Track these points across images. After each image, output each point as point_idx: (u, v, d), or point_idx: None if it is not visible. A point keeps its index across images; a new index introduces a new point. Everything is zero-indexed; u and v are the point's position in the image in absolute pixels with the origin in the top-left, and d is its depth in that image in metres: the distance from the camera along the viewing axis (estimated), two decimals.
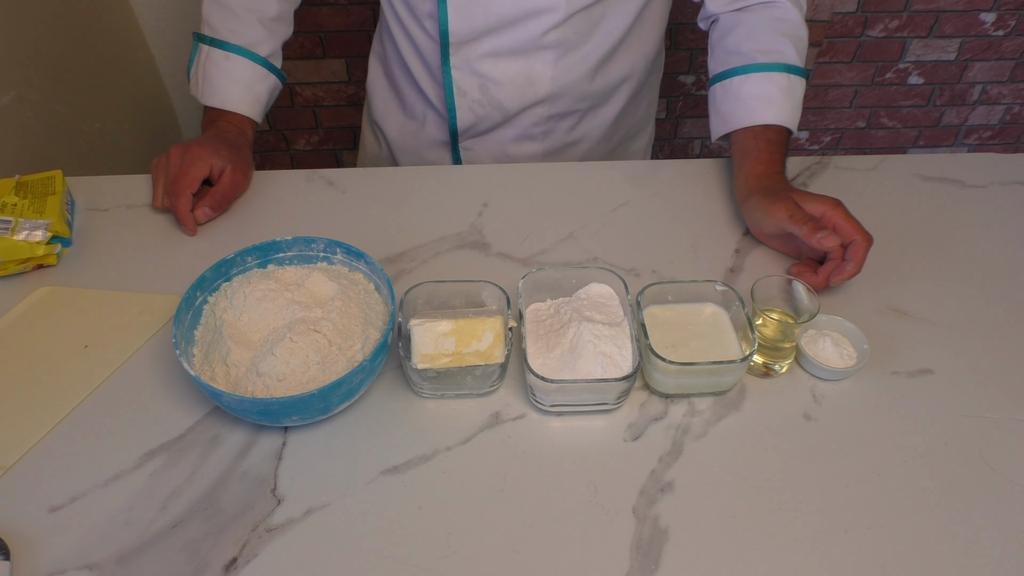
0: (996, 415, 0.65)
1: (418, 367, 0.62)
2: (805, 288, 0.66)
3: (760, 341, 0.66)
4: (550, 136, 1.00)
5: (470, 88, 0.94)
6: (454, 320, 0.65)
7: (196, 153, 0.83)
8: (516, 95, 0.94)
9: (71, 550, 0.55)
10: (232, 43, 0.91)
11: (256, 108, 0.93)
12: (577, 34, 0.91)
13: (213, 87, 0.91)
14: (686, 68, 1.90)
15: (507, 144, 1.01)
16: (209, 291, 0.68)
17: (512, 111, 0.96)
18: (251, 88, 0.92)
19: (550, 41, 0.90)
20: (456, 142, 1.01)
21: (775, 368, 0.67)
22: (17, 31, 1.11)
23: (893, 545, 0.56)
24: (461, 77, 0.93)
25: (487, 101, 0.95)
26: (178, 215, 0.82)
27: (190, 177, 0.82)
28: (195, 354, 0.64)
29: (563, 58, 0.92)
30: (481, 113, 0.96)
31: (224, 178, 0.85)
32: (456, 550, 0.55)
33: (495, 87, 0.94)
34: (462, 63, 0.92)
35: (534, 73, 0.92)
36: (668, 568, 0.54)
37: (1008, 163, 0.93)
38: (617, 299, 0.68)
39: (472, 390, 0.65)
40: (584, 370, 0.62)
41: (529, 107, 0.96)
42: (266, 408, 0.58)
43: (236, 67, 0.91)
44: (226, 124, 0.91)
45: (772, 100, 0.84)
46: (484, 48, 0.90)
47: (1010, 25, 1.87)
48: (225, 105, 0.91)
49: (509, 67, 0.92)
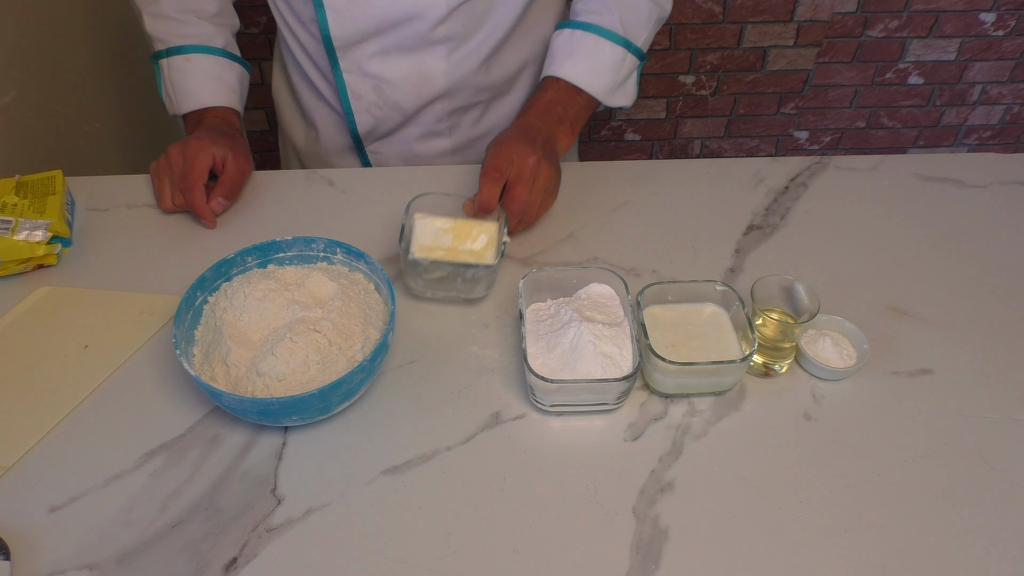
0: (996, 415, 0.65)
1: (415, 256, 0.68)
2: (805, 288, 0.66)
3: (760, 341, 0.66)
4: (456, 131, 0.99)
5: (364, 91, 0.93)
6: (454, 219, 0.71)
7: (196, 146, 0.83)
8: (412, 93, 0.93)
9: (71, 550, 0.55)
10: (186, 44, 0.91)
11: (232, 97, 0.93)
12: (465, 27, 0.89)
13: (185, 92, 0.91)
14: (686, 68, 1.90)
15: (413, 143, 0.99)
16: (209, 291, 0.68)
17: (410, 110, 0.95)
18: (221, 79, 0.92)
19: (438, 36, 0.88)
20: (361, 146, 1.00)
21: (775, 368, 0.67)
22: (17, 31, 1.11)
23: (893, 545, 0.56)
24: (353, 80, 0.92)
25: (383, 102, 0.94)
26: (195, 209, 0.82)
27: (198, 170, 0.82)
28: (195, 354, 0.64)
29: (454, 52, 0.91)
30: (379, 115, 0.95)
31: (228, 166, 0.84)
32: (456, 550, 0.55)
33: (389, 87, 0.92)
34: (352, 66, 0.91)
35: (427, 69, 0.91)
36: (668, 568, 0.54)
37: (1008, 163, 0.93)
38: (617, 299, 0.68)
39: (461, 293, 0.72)
40: (584, 370, 0.62)
41: (427, 104, 0.95)
42: (266, 408, 0.58)
43: (199, 65, 0.91)
44: (211, 119, 0.90)
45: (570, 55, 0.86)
46: (371, 48, 0.89)
47: (1010, 25, 1.87)
48: (203, 103, 0.90)
49: (400, 66, 0.91)
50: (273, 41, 1.71)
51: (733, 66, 1.90)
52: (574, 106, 0.86)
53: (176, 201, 0.84)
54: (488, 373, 0.68)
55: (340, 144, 1.02)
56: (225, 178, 0.84)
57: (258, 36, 1.73)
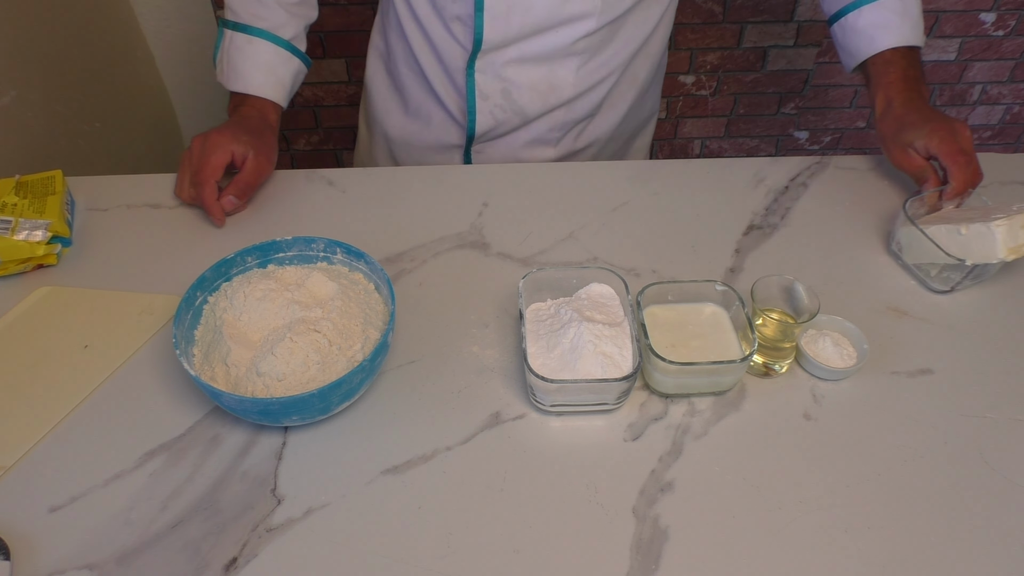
0: (996, 415, 0.65)
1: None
2: (805, 288, 0.66)
3: (760, 341, 0.66)
4: (562, 142, 1.01)
5: (492, 92, 0.94)
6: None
7: (215, 141, 0.83)
8: (538, 100, 0.94)
9: (71, 550, 0.55)
10: (254, 27, 0.90)
11: (279, 92, 0.92)
12: (603, 40, 0.91)
13: (236, 72, 0.90)
14: (686, 68, 1.90)
15: (519, 149, 1.00)
16: (209, 291, 0.68)
17: (532, 115, 0.96)
18: (273, 71, 0.91)
19: (578, 48, 0.90)
20: (469, 146, 1.01)
21: (775, 368, 0.67)
22: (17, 31, 1.11)
23: (893, 545, 0.56)
24: (484, 81, 0.93)
25: (508, 106, 0.95)
26: (204, 205, 0.82)
27: (212, 166, 0.82)
28: (195, 354, 0.64)
29: (586, 64, 0.92)
30: (501, 117, 0.96)
31: (247, 165, 0.84)
32: (456, 550, 0.55)
33: (517, 92, 0.93)
34: (487, 67, 0.91)
35: (556, 79, 0.92)
36: (668, 568, 0.54)
37: (1008, 163, 0.93)
38: (617, 299, 0.68)
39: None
40: (584, 370, 0.62)
41: (548, 112, 0.96)
42: (266, 408, 0.58)
43: (258, 51, 0.90)
44: (248, 109, 0.90)
45: (889, 25, 0.87)
46: (512, 54, 0.90)
47: (1010, 25, 1.87)
48: (248, 89, 0.90)
49: (533, 72, 0.92)
50: None
51: (733, 66, 1.90)
52: (917, 62, 0.89)
53: (190, 193, 0.84)
54: (488, 373, 0.68)
55: (446, 141, 1.02)
56: (240, 177, 0.84)
57: None
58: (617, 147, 1.08)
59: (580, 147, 1.03)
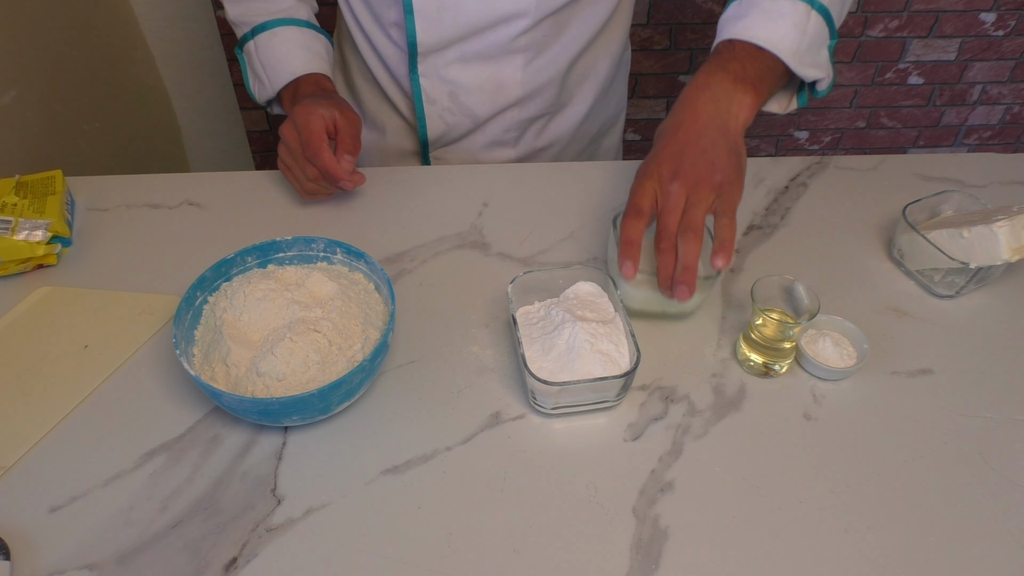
0: (996, 415, 0.65)
1: None
2: (805, 288, 0.66)
3: (760, 341, 0.66)
4: (521, 141, 0.99)
5: (439, 96, 0.93)
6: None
7: (303, 114, 0.80)
8: (487, 100, 0.93)
9: (71, 550, 0.55)
10: (270, 20, 0.89)
11: (322, 64, 0.90)
12: (546, 37, 0.89)
13: (275, 65, 0.89)
14: (686, 68, 1.90)
15: (478, 151, 0.99)
16: (209, 291, 0.68)
17: (483, 117, 0.95)
18: (309, 48, 0.90)
19: (519, 46, 0.88)
20: (426, 152, 1.00)
21: (775, 368, 0.67)
22: (17, 31, 1.11)
23: (893, 545, 0.56)
24: (430, 85, 0.92)
25: (457, 108, 0.94)
26: (329, 171, 0.79)
27: (316, 134, 0.79)
28: (195, 354, 0.64)
29: (532, 62, 0.91)
30: (452, 121, 0.95)
31: (340, 123, 0.81)
32: (456, 550, 0.55)
33: (465, 93, 0.92)
34: (430, 71, 0.91)
35: (504, 78, 0.91)
36: (668, 568, 0.54)
37: (1008, 163, 0.93)
38: (605, 295, 0.68)
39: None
40: (583, 370, 0.62)
41: (499, 112, 0.95)
42: (266, 408, 0.58)
43: (285, 37, 0.89)
44: (306, 87, 0.88)
45: (741, 17, 0.72)
46: (452, 55, 0.89)
47: (1010, 25, 1.87)
48: (295, 72, 0.88)
49: (479, 72, 0.91)
50: None
51: None
52: (754, 64, 0.70)
53: (309, 174, 0.81)
54: (488, 373, 0.68)
55: (404, 148, 1.02)
56: (342, 135, 0.81)
57: None
58: (582, 146, 1.07)
59: (541, 146, 1.02)
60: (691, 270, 0.64)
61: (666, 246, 0.64)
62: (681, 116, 0.68)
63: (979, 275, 0.72)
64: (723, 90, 0.68)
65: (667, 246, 0.64)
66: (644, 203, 0.66)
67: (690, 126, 0.67)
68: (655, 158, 0.67)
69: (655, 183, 0.66)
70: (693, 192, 0.65)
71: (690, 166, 0.65)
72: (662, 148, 0.67)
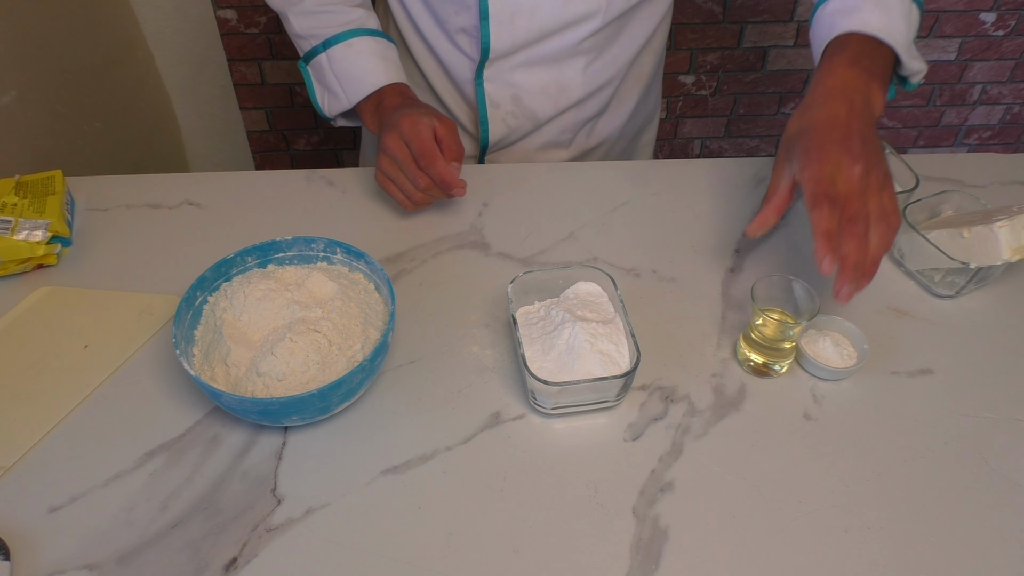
0: (996, 415, 0.65)
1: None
2: (805, 288, 0.66)
3: (760, 341, 0.66)
4: (573, 142, 1.00)
5: (503, 100, 0.93)
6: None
7: (410, 124, 0.78)
8: (549, 103, 0.94)
9: (71, 550, 0.55)
10: (343, 32, 0.87)
11: (401, 74, 0.88)
12: (608, 38, 0.91)
13: (353, 77, 0.86)
14: (686, 68, 1.90)
15: (533, 153, 1.00)
16: (209, 291, 0.68)
17: (544, 119, 0.95)
18: (387, 58, 0.87)
19: (584, 47, 0.89)
20: (484, 155, 1.00)
21: (775, 368, 0.67)
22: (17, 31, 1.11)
23: (893, 545, 0.56)
24: (494, 89, 0.92)
25: (520, 111, 0.94)
26: (444, 181, 0.77)
27: (428, 143, 0.77)
28: (195, 354, 0.64)
29: (593, 63, 0.92)
30: (514, 124, 0.96)
31: (439, 132, 0.79)
32: (456, 550, 0.55)
33: (528, 96, 0.93)
34: (495, 75, 0.91)
35: (565, 80, 0.92)
36: (668, 568, 0.54)
37: (1008, 163, 0.93)
38: (605, 296, 0.68)
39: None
40: (584, 370, 0.62)
41: (560, 114, 0.96)
42: (266, 408, 0.58)
43: (363, 48, 0.86)
44: (391, 99, 0.85)
45: (855, 9, 0.71)
46: (519, 59, 0.89)
47: (1010, 25, 1.87)
48: (376, 84, 0.85)
49: (542, 75, 0.91)
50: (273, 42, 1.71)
51: (733, 66, 1.90)
52: (880, 58, 0.69)
53: (419, 184, 0.78)
54: (488, 373, 0.68)
55: None
56: (447, 143, 0.79)
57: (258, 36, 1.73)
58: (626, 144, 1.08)
59: (592, 146, 1.03)
60: (878, 261, 0.60)
61: (860, 230, 0.59)
62: (835, 109, 0.65)
63: (979, 275, 0.72)
64: (864, 85, 0.67)
65: (861, 230, 0.59)
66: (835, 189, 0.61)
67: (848, 117, 0.64)
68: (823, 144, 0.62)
69: (831, 168, 0.61)
70: (873, 176, 0.61)
71: (862, 151, 0.61)
72: (827, 136, 0.63)
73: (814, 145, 0.63)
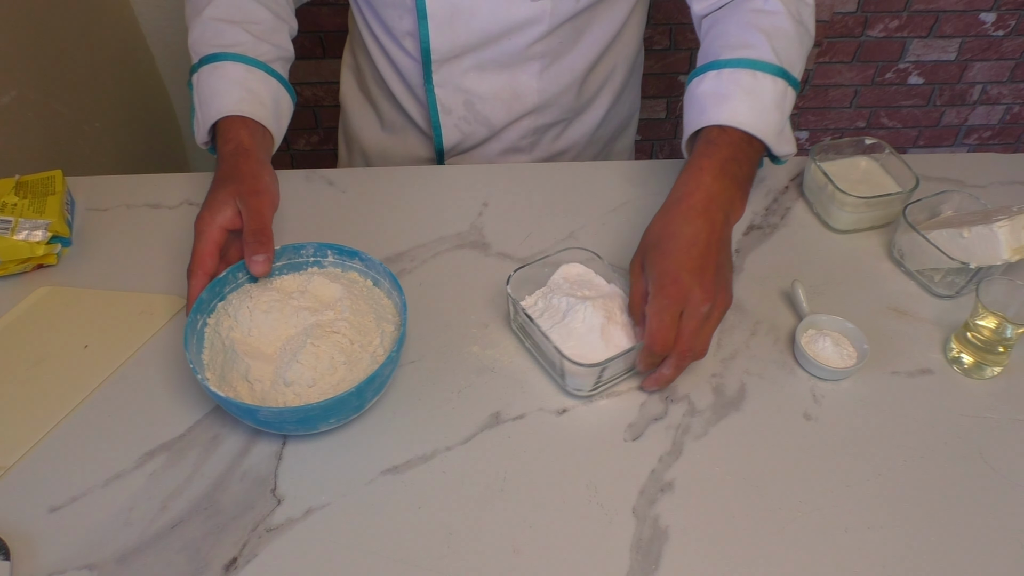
0: (996, 415, 0.65)
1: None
2: (804, 289, 0.66)
3: (976, 342, 0.66)
4: (537, 147, 0.99)
5: (455, 105, 0.92)
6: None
7: (199, 227, 0.67)
8: (503, 109, 0.92)
9: (71, 550, 0.55)
10: (219, 52, 0.77)
11: (257, 109, 0.75)
12: (562, 44, 0.88)
13: (206, 101, 0.75)
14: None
15: (494, 158, 0.99)
16: (208, 313, 0.66)
17: (499, 125, 0.94)
18: (250, 89, 0.75)
19: (535, 53, 0.88)
20: (442, 160, 1.00)
21: (984, 371, 0.67)
22: (17, 31, 1.11)
23: (893, 545, 0.56)
24: (445, 95, 0.91)
25: (473, 117, 0.93)
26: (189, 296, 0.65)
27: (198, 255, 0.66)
28: (208, 378, 0.62)
29: (548, 69, 0.90)
30: (467, 130, 0.94)
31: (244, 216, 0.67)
32: (456, 550, 0.55)
33: (480, 102, 0.91)
34: (445, 80, 0.89)
35: (519, 86, 0.90)
36: (668, 568, 0.54)
37: (1008, 163, 0.93)
38: (591, 271, 0.70)
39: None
40: (615, 344, 0.63)
41: (516, 120, 0.94)
42: (306, 415, 0.57)
43: (226, 71, 0.76)
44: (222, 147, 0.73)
45: (726, 97, 0.71)
46: (467, 63, 0.88)
47: (1010, 25, 1.87)
48: (221, 112, 0.73)
49: (494, 81, 0.90)
50: None
51: None
52: (748, 160, 0.70)
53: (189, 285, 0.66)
54: (488, 373, 0.68)
55: (419, 155, 1.01)
56: (247, 231, 0.66)
57: None
58: (597, 150, 1.06)
59: (558, 151, 1.01)
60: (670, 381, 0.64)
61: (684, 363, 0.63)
62: (696, 228, 0.64)
63: (979, 275, 0.72)
64: (727, 200, 0.67)
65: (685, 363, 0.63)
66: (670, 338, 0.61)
67: (707, 241, 0.64)
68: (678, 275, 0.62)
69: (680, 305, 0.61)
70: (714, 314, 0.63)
71: (713, 285, 0.62)
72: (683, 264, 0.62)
73: (669, 274, 0.62)
